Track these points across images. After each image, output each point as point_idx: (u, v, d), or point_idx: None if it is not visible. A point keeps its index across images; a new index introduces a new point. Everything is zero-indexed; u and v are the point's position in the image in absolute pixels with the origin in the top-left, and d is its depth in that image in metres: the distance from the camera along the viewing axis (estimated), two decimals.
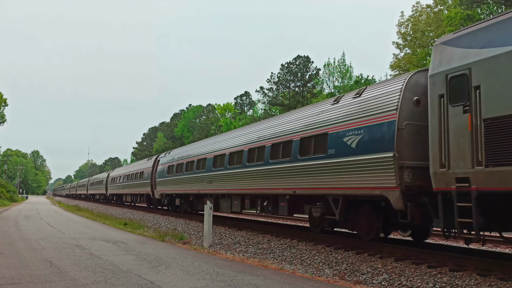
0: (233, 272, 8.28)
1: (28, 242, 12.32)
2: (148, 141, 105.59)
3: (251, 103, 71.35)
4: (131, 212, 31.03)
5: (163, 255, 10.23)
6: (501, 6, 34.70)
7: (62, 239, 13.20)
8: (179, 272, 8.10)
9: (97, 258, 9.58)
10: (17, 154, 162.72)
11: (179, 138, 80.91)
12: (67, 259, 9.31)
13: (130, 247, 11.73)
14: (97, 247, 11.55)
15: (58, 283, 6.91)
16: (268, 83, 55.90)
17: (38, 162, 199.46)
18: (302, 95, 51.99)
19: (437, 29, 39.89)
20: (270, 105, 56.09)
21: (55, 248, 11.17)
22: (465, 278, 7.77)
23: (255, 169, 15.91)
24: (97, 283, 6.96)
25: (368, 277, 8.52)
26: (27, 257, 9.56)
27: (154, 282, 7.14)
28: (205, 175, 20.73)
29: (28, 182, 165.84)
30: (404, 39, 43.55)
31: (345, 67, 47.62)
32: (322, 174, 12.07)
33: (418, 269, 8.66)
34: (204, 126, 69.72)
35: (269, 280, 7.67)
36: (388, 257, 9.87)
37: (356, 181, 10.83)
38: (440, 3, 41.61)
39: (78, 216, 27.12)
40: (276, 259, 10.93)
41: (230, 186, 18.06)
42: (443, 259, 9.29)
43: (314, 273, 8.96)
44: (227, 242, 13.93)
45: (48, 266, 8.42)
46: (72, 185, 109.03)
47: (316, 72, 52.36)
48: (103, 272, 7.88)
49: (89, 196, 69.69)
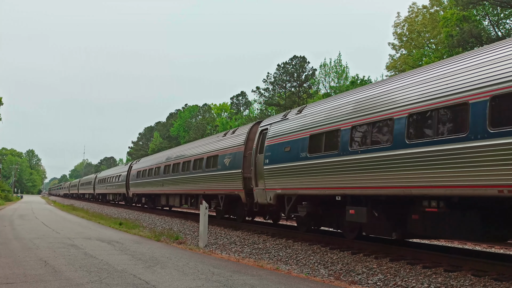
0: (229, 272, 8.27)
1: (23, 242, 12.26)
2: (144, 141, 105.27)
3: (247, 103, 71.29)
4: (126, 212, 30.98)
5: (158, 255, 10.21)
6: (496, 7, 34.84)
7: (57, 239, 13.15)
8: (174, 272, 8.08)
9: (92, 257, 9.55)
10: (12, 153, 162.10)
11: (175, 137, 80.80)
12: (62, 259, 9.27)
13: (126, 246, 11.69)
14: (92, 246, 11.52)
15: (53, 282, 6.88)
16: (264, 83, 55.86)
17: (33, 161, 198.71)
18: (298, 95, 51.99)
19: (433, 30, 40.03)
20: (266, 105, 56.07)
21: (50, 247, 11.13)
22: (460, 279, 7.79)
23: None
24: (92, 282, 6.93)
25: (364, 277, 8.53)
26: (21, 256, 9.52)
27: (149, 282, 7.12)
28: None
29: (23, 182, 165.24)
30: (400, 39, 43.66)
31: (341, 68, 47.67)
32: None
33: (413, 269, 8.68)
34: (200, 126, 69.60)
35: (264, 280, 7.67)
36: (383, 258, 9.89)
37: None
38: (436, 4, 41.74)
39: (73, 215, 27.03)
40: (271, 259, 10.93)
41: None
42: (438, 259, 9.31)
43: (309, 273, 8.97)
44: (223, 242, 13.92)
45: (43, 266, 8.39)
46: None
47: (312, 72, 52.37)
48: (98, 272, 7.85)
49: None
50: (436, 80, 8.71)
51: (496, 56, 7.70)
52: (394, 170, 9.15)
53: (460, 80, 8.18)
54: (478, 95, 7.64)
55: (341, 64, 47.79)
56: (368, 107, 10.32)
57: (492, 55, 7.83)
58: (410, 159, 8.81)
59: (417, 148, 8.66)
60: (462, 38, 31.46)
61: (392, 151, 9.22)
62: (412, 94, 9.16)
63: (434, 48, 40.61)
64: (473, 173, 7.58)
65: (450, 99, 8.21)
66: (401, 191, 9.08)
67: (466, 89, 7.93)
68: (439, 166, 8.15)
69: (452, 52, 33.16)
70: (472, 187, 7.64)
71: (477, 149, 7.50)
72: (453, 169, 7.92)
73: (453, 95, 8.17)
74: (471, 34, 31.14)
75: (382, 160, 9.46)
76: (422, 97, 8.84)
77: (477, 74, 7.85)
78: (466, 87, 7.97)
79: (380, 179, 9.54)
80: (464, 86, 8.02)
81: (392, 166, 9.23)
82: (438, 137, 8.33)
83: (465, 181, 7.73)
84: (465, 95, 7.92)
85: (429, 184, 8.40)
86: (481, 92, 7.59)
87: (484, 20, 36.06)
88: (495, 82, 7.37)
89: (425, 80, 9.03)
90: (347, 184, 10.61)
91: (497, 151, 7.17)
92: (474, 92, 7.73)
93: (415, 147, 8.72)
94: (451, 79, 8.37)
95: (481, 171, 7.44)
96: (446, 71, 8.65)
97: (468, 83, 7.96)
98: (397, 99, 9.50)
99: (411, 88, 9.29)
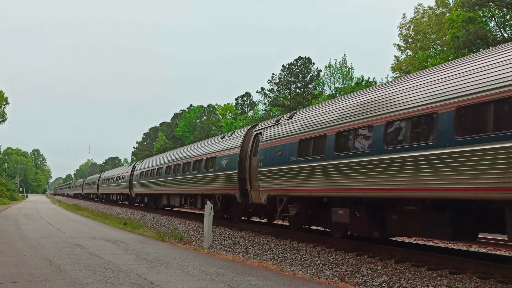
0: (233, 273, 8.27)
1: (28, 241, 12.31)
2: (149, 141, 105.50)
3: (252, 103, 71.30)
4: (131, 212, 31.04)
5: (163, 255, 10.23)
6: (502, 8, 34.70)
7: (62, 238, 13.20)
8: (179, 272, 8.10)
9: (97, 257, 9.57)
10: (18, 153, 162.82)
11: (180, 138, 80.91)
12: (67, 258, 9.30)
13: (130, 246, 11.72)
14: (97, 246, 11.55)
15: (58, 282, 6.91)
16: (269, 84, 55.86)
17: (39, 161, 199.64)
18: (303, 96, 51.97)
19: (438, 31, 39.93)
20: (271, 106, 56.04)
21: (55, 247, 11.16)
22: (465, 281, 7.76)
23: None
24: (97, 282, 6.95)
25: (368, 279, 8.51)
26: (27, 256, 9.56)
27: (154, 282, 7.14)
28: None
29: (28, 181, 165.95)
30: (405, 41, 43.56)
31: (346, 69, 47.63)
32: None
33: (418, 272, 8.65)
34: (204, 127, 69.71)
35: (269, 281, 7.66)
36: (388, 259, 9.86)
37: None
38: (442, 5, 41.61)
39: (78, 215, 27.11)
40: (276, 260, 10.92)
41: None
42: (443, 261, 9.28)
43: (314, 275, 8.96)
44: (227, 242, 13.93)
45: (48, 265, 8.42)
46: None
47: (317, 73, 52.32)
48: (103, 272, 7.87)
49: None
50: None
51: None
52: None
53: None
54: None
55: (346, 65, 47.76)
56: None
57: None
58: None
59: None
60: (468, 39, 31.37)
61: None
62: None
63: (440, 49, 40.50)
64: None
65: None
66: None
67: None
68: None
69: (458, 54, 33.07)
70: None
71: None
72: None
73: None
74: (477, 36, 31.05)
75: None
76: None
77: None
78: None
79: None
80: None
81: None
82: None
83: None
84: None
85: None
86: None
87: (490, 22, 35.93)
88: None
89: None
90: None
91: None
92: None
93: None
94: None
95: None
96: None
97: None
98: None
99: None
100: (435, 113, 8.45)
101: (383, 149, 9.51)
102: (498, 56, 7.84)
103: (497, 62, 7.73)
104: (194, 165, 22.57)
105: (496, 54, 7.95)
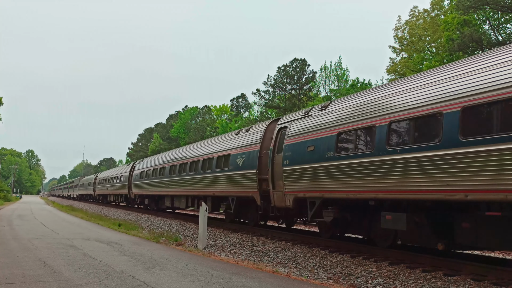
0: (228, 274, 8.25)
1: (22, 242, 12.24)
2: (144, 142, 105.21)
3: (247, 105, 71.32)
4: (125, 213, 30.94)
5: (157, 257, 10.20)
6: (497, 12, 34.89)
7: (56, 239, 13.13)
8: (173, 274, 8.07)
9: (91, 258, 9.53)
10: (12, 153, 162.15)
11: (175, 139, 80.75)
12: (61, 260, 9.25)
13: (125, 248, 11.68)
14: (91, 247, 11.50)
15: (52, 283, 6.87)
16: (265, 85, 55.91)
17: (33, 161, 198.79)
18: (298, 98, 52.03)
19: (433, 34, 40.07)
20: (267, 108, 56.06)
21: (49, 248, 11.11)
22: (459, 283, 7.78)
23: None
24: (91, 284, 6.92)
25: (363, 280, 8.52)
26: (20, 256, 9.50)
27: (148, 283, 7.11)
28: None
29: (22, 182, 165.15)
30: (400, 43, 43.69)
31: (341, 71, 47.67)
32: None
33: (412, 273, 8.67)
34: (200, 128, 69.58)
35: (263, 282, 7.65)
36: (383, 261, 9.88)
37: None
38: (437, 8, 41.78)
39: (72, 216, 27.00)
40: (270, 261, 10.91)
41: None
42: (437, 263, 9.30)
43: (308, 276, 8.95)
44: (222, 244, 13.90)
45: (42, 266, 8.37)
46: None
47: (313, 75, 52.39)
48: (97, 273, 7.83)
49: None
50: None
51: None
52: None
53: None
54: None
55: (342, 67, 47.82)
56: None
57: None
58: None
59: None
60: (463, 42, 31.50)
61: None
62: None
63: (435, 52, 40.66)
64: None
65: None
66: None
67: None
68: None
69: (453, 56, 33.21)
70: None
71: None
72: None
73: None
74: (471, 38, 31.19)
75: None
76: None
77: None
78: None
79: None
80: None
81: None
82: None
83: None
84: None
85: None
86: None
87: (485, 25, 36.11)
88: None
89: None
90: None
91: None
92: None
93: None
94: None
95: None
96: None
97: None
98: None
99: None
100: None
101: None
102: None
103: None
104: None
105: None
